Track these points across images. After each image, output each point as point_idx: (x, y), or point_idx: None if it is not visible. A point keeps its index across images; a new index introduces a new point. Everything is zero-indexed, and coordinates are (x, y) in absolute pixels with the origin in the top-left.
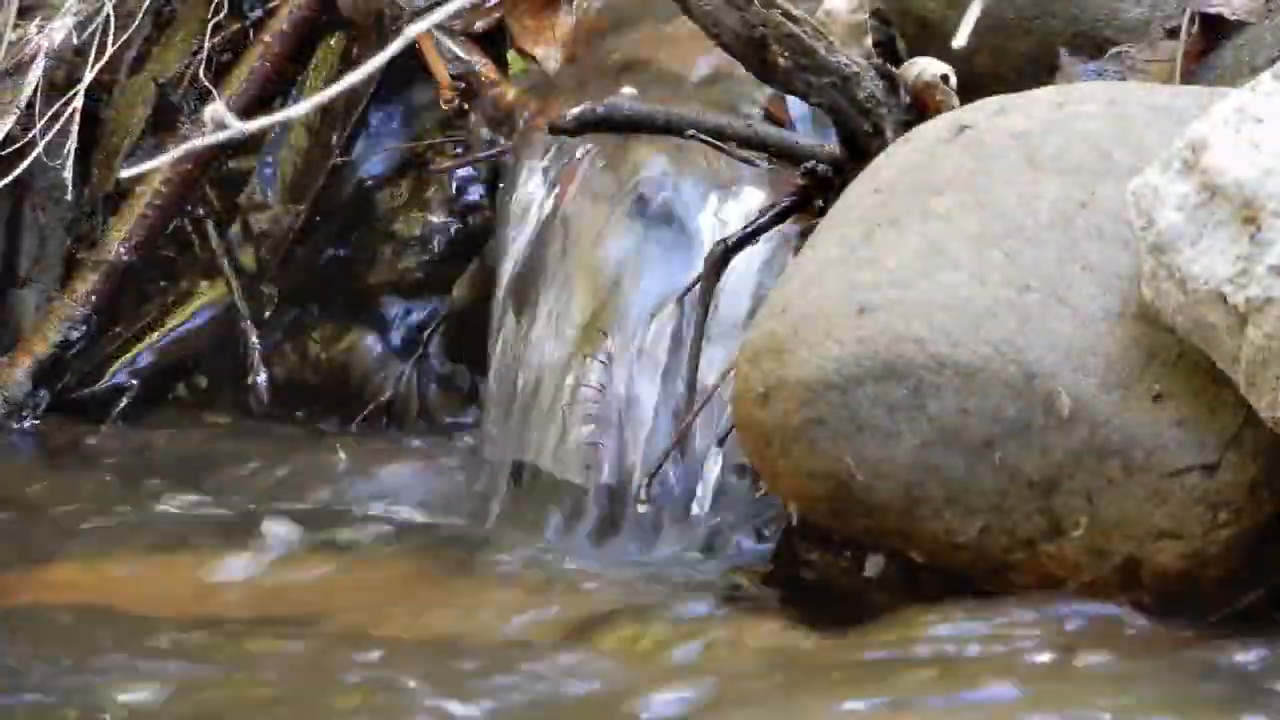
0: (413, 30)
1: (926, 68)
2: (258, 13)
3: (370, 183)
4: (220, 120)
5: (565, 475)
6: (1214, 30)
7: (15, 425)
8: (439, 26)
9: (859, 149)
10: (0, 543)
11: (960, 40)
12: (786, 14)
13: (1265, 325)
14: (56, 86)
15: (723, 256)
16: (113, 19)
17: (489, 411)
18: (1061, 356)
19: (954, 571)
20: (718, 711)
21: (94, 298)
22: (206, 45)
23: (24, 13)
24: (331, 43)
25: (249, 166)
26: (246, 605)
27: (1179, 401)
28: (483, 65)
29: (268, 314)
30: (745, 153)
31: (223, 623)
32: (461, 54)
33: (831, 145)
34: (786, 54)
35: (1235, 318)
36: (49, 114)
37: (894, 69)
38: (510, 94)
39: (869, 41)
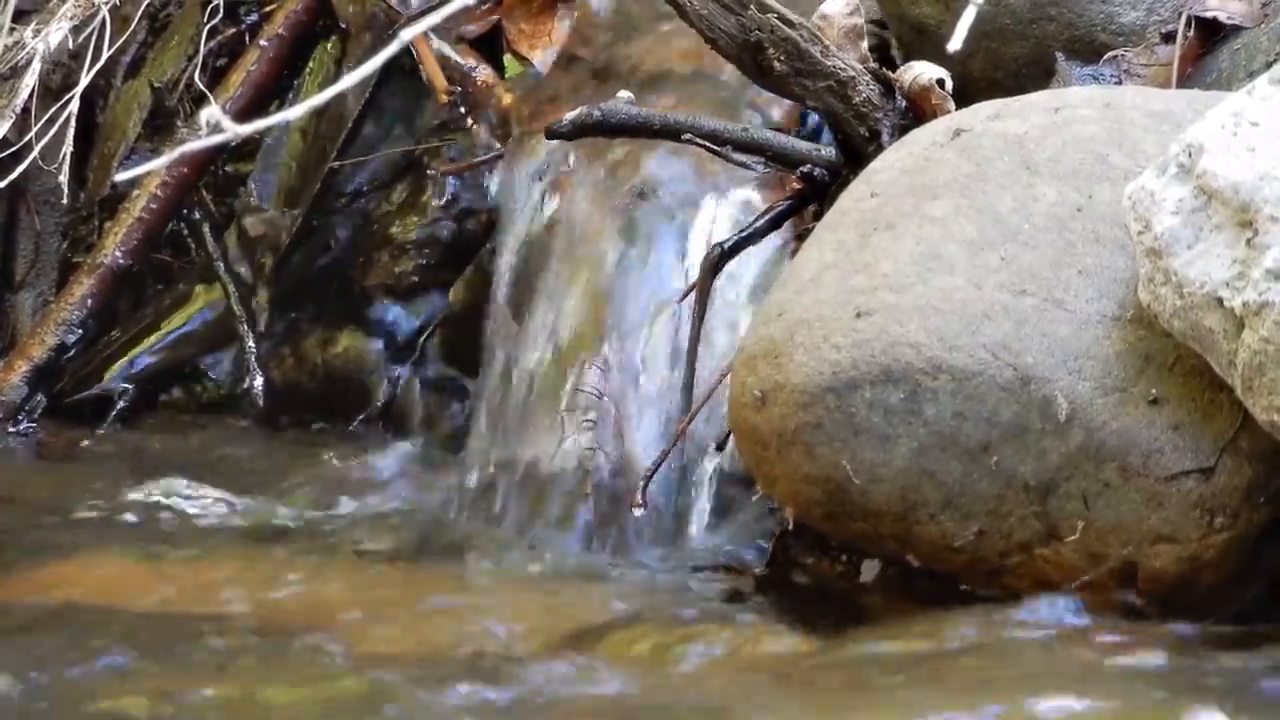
0: (408, 34)
1: (922, 72)
2: (253, 17)
3: (367, 187)
4: (216, 124)
5: (561, 479)
6: (1210, 34)
7: (12, 429)
8: (435, 30)
9: (855, 153)
10: None
11: (956, 44)
12: (782, 18)
13: (1262, 329)
14: (52, 90)
15: (719, 260)
16: (109, 23)
17: (485, 415)
18: (1058, 360)
19: (950, 575)
20: (716, 717)
21: (90, 302)
22: (202, 50)
23: (20, 16)
24: (328, 47)
25: (245, 170)
26: (243, 606)
27: (1175, 405)
28: (479, 69)
29: (264, 318)
30: (742, 156)
31: (220, 623)
32: (457, 58)
33: (828, 149)
34: (782, 58)
35: (1232, 321)
36: (45, 118)
37: (890, 73)
38: (506, 98)
39: (865, 46)
